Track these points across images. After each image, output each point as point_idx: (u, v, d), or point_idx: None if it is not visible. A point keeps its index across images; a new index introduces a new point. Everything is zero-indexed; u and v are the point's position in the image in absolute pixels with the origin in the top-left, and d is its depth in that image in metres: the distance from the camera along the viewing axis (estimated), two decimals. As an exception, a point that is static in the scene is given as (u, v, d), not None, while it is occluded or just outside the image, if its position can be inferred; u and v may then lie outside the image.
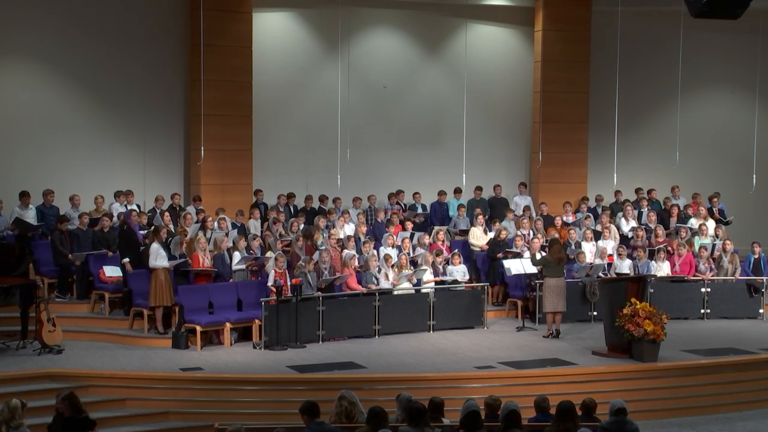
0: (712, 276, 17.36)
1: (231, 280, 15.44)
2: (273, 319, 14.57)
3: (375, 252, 16.42)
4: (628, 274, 16.66)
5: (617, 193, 20.18)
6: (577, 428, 8.46)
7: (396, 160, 20.61)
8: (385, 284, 15.99)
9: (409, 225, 18.04)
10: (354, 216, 18.15)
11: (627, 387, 13.13)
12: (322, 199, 19.10)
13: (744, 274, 17.41)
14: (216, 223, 16.58)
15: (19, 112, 17.72)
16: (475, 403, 8.57)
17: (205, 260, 15.28)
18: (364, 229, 17.50)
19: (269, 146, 19.58)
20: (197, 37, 18.33)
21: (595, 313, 16.71)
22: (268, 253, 15.65)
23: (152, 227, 15.61)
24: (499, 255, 17.08)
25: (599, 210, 19.28)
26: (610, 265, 17.26)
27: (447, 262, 16.80)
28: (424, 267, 16.37)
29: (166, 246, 15.04)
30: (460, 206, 19.23)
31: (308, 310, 14.97)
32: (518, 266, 16.34)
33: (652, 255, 17.43)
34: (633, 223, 18.63)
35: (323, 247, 15.91)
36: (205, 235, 15.88)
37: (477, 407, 8.48)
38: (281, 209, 18.15)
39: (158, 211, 17.20)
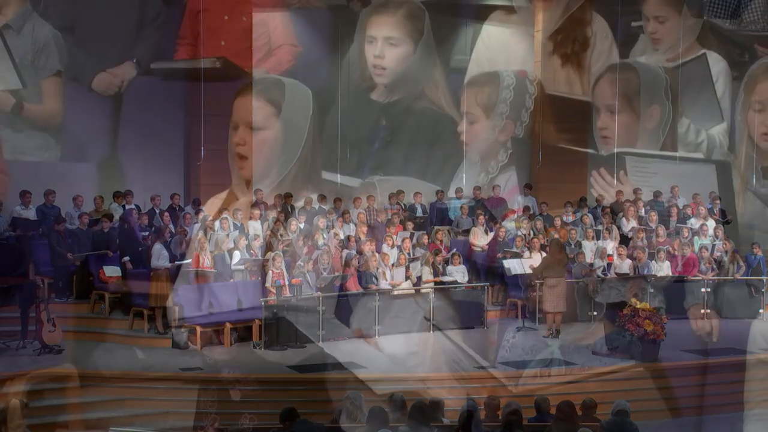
0: (713, 276, 17.36)
1: (231, 280, 15.43)
2: (273, 319, 14.57)
3: (375, 252, 16.40)
4: (627, 274, 16.66)
5: (618, 192, 20.16)
6: (577, 428, 8.46)
7: (396, 160, 20.60)
8: (384, 284, 15.99)
9: (411, 225, 18.03)
10: (354, 216, 18.14)
11: (627, 387, 13.09)
12: (322, 199, 19.10)
13: (744, 274, 17.41)
14: (218, 223, 16.58)
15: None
16: (475, 403, 8.58)
17: (205, 260, 15.27)
18: (364, 229, 17.49)
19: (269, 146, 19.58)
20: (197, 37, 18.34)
21: (595, 313, 16.71)
22: (269, 254, 15.64)
23: (153, 228, 15.59)
24: (499, 255, 17.08)
25: (599, 210, 19.27)
26: (610, 265, 17.25)
27: (446, 262, 16.79)
28: (419, 263, 16.37)
29: (168, 246, 15.04)
30: (462, 206, 19.23)
31: (308, 310, 14.97)
32: (518, 266, 16.33)
33: (652, 255, 17.42)
34: (633, 223, 18.61)
35: (323, 247, 15.90)
36: (206, 235, 15.88)
37: (476, 407, 8.48)
38: (280, 209, 18.15)
39: (157, 210, 17.19)
